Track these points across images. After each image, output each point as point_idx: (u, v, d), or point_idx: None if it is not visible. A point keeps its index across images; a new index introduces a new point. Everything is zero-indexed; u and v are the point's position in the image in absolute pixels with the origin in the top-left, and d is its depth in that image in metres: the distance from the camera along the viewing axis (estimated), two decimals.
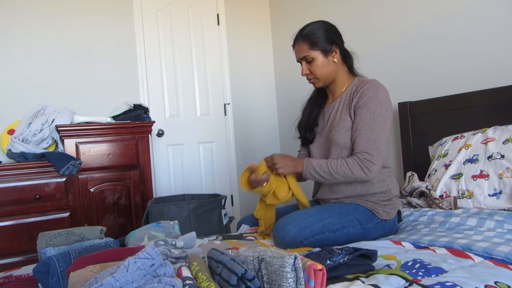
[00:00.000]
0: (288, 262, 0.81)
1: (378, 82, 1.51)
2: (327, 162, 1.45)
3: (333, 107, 1.60)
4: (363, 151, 1.41)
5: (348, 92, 1.56)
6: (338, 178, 1.43)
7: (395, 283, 0.91)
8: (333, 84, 1.61)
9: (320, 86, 1.61)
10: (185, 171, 3.16)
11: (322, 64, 1.53)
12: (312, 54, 1.52)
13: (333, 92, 1.63)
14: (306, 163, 1.48)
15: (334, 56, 1.54)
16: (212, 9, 3.32)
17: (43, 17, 2.66)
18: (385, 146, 1.45)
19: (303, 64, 1.56)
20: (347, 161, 1.42)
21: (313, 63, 1.54)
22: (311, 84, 1.63)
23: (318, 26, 1.54)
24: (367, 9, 2.62)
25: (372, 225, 1.44)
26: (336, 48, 1.54)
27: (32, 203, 2.21)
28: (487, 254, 1.10)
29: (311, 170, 1.47)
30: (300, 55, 1.55)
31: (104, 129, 2.44)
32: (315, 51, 1.52)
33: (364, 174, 1.40)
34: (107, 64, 2.86)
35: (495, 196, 1.58)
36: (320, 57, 1.53)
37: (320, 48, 1.52)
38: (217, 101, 3.33)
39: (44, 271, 1.06)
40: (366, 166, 1.39)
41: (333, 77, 1.58)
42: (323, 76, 1.56)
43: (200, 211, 1.87)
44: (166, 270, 0.89)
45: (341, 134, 1.49)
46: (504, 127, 1.72)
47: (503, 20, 1.90)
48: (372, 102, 1.44)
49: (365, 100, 1.45)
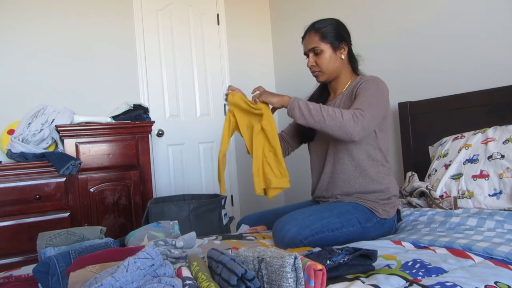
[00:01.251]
0: (288, 262, 0.81)
1: (377, 77, 1.55)
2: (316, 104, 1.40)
3: (334, 103, 1.61)
4: (357, 108, 1.39)
5: (350, 89, 1.58)
6: (325, 119, 1.35)
7: (395, 283, 0.91)
8: (336, 81, 1.62)
9: (323, 80, 1.62)
10: (185, 171, 3.16)
11: (329, 58, 1.55)
12: (321, 46, 1.55)
13: (335, 89, 1.65)
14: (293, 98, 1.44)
15: (342, 52, 1.57)
16: (212, 9, 3.32)
17: (43, 17, 2.66)
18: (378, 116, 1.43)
19: (311, 55, 1.58)
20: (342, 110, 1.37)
21: (321, 55, 1.55)
22: (314, 77, 1.64)
23: (330, 22, 1.58)
24: (367, 9, 2.62)
25: (371, 224, 1.44)
26: (345, 46, 1.57)
27: (32, 203, 2.20)
28: (487, 254, 1.10)
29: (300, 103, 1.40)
30: (309, 46, 1.57)
31: (104, 129, 2.44)
32: (325, 43, 1.55)
33: (353, 122, 1.34)
34: (107, 64, 2.86)
35: (495, 196, 1.58)
36: (329, 50, 1.55)
37: (330, 42, 1.55)
38: (217, 101, 3.32)
39: (44, 271, 1.05)
40: (357, 116, 1.35)
41: (337, 73, 1.60)
42: (329, 70, 1.57)
43: (200, 211, 1.87)
44: (166, 270, 0.89)
45: None
46: (504, 127, 1.72)
47: (503, 20, 1.90)
48: (370, 85, 1.48)
49: (364, 85, 1.49)
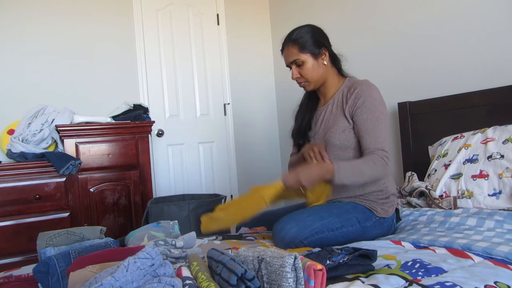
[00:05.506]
0: (288, 262, 0.81)
1: (369, 81, 1.53)
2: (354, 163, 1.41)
3: (326, 109, 1.61)
4: (379, 148, 1.42)
5: (340, 94, 1.57)
6: (365, 179, 1.42)
7: (395, 283, 0.91)
8: (324, 86, 1.62)
9: (311, 89, 1.62)
10: (185, 171, 3.16)
11: (312, 67, 1.54)
12: (302, 57, 1.53)
13: (324, 94, 1.64)
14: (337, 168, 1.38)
15: (323, 58, 1.56)
16: (212, 9, 3.32)
17: (43, 17, 2.66)
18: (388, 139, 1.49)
19: (293, 68, 1.57)
20: (371, 158, 1.40)
21: (303, 66, 1.54)
22: (301, 88, 1.64)
23: (305, 30, 1.55)
24: (367, 9, 2.62)
25: (370, 224, 1.45)
26: (325, 51, 1.56)
27: (32, 203, 2.20)
28: (486, 254, 1.10)
29: (344, 179, 1.38)
30: (290, 59, 1.56)
31: (104, 129, 2.44)
32: (305, 54, 1.53)
33: (385, 170, 1.42)
34: (107, 64, 2.86)
35: (494, 196, 1.58)
36: (310, 60, 1.54)
37: (309, 51, 1.53)
38: (217, 101, 3.32)
39: (44, 271, 1.05)
40: (386, 162, 1.42)
41: (324, 79, 1.59)
42: (314, 78, 1.57)
43: (200, 211, 1.86)
44: (166, 270, 0.89)
45: (337, 135, 1.51)
46: (504, 127, 1.72)
47: (503, 20, 1.90)
48: (369, 101, 1.46)
49: (362, 100, 1.47)
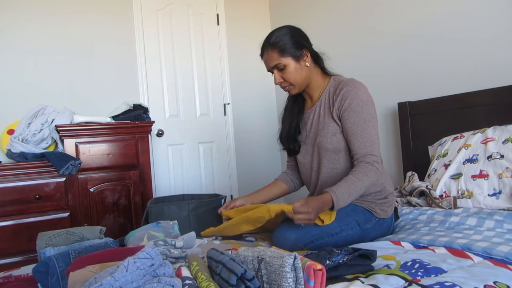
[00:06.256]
0: (288, 262, 0.81)
1: (355, 80, 1.49)
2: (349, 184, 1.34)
3: (314, 112, 1.57)
4: (367, 153, 1.39)
5: (326, 94, 1.53)
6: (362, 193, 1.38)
7: (394, 283, 0.91)
8: (309, 88, 1.57)
9: (296, 92, 1.57)
10: (184, 171, 3.16)
11: (295, 70, 1.49)
12: (283, 61, 1.47)
13: (310, 95, 1.60)
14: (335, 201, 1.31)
15: (305, 60, 1.50)
16: (211, 9, 3.32)
17: (43, 17, 2.66)
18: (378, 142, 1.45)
19: (275, 72, 1.51)
20: (362, 170, 1.36)
21: (285, 70, 1.48)
22: (286, 92, 1.60)
23: (284, 32, 1.48)
24: (367, 9, 2.62)
25: (370, 225, 1.44)
26: (306, 52, 1.50)
27: (32, 203, 2.20)
28: (486, 254, 1.10)
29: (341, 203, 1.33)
30: (271, 64, 1.50)
31: (104, 129, 2.44)
32: (286, 57, 1.47)
33: (376, 175, 1.39)
34: (107, 64, 2.86)
35: (494, 196, 1.58)
36: (292, 63, 1.48)
37: (290, 54, 1.47)
38: (216, 101, 3.32)
39: (44, 271, 1.05)
40: (377, 167, 1.39)
41: (308, 81, 1.54)
42: (298, 82, 1.52)
43: (200, 211, 1.86)
44: (165, 270, 0.89)
45: (328, 139, 1.48)
46: (504, 127, 1.72)
47: (503, 20, 1.90)
48: (356, 103, 1.43)
49: (348, 102, 1.43)
